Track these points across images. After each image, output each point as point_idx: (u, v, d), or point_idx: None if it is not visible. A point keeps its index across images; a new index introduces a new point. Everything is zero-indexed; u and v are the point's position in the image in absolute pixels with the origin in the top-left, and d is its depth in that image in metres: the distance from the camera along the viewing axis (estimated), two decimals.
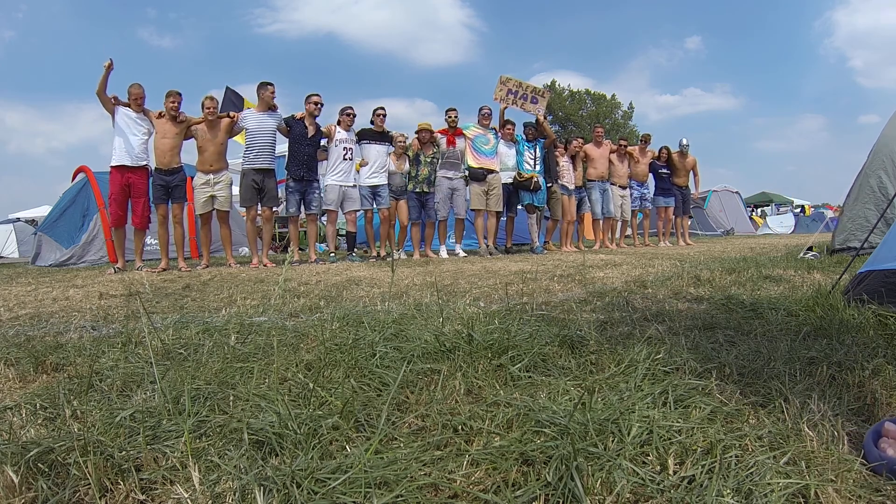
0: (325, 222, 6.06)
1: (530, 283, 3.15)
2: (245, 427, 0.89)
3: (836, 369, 1.19)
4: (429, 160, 6.07)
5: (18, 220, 15.39)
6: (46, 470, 0.81)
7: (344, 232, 7.07)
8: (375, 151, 5.83)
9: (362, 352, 1.37)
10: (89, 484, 0.77)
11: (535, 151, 6.68)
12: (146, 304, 2.63)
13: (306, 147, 5.41)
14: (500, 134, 6.53)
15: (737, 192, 16.74)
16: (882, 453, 0.78)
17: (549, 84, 33.07)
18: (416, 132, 6.08)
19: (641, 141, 8.17)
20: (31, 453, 0.82)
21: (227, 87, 9.71)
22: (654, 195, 8.14)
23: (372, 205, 5.89)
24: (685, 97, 54.96)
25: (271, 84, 5.29)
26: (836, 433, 0.88)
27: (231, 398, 1.09)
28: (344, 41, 62.04)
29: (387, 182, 5.90)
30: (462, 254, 6.36)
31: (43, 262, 6.56)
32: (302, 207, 5.65)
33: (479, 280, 3.36)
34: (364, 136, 5.83)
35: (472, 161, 6.28)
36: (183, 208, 5.21)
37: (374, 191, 5.84)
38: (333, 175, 5.63)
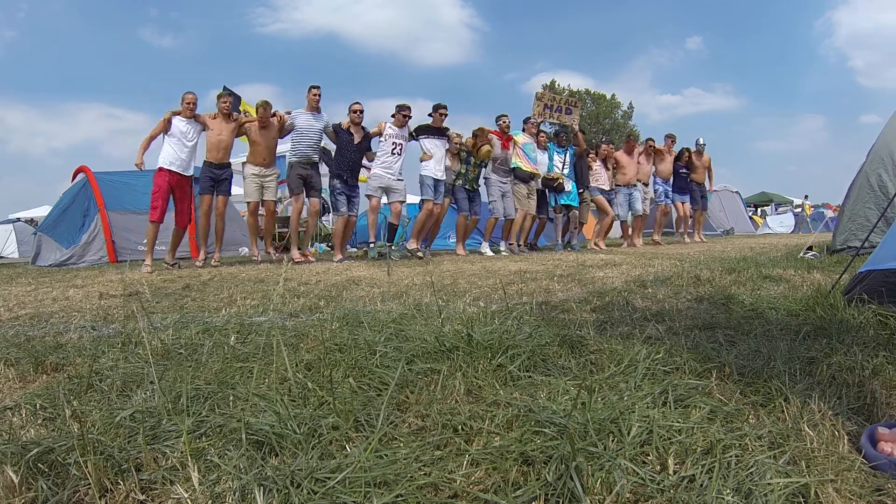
0: (326, 220, 6.16)
1: (530, 282, 3.15)
2: (244, 427, 0.89)
3: (836, 369, 1.19)
4: (478, 162, 6.34)
5: (18, 220, 15.40)
6: (46, 470, 0.81)
7: (384, 224, 7.17)
8: (436, 146, 6.02)
9: (362, 352, 1.37)
10: (89, 484, 0.77)
11: (564, 156, 7.17)
12: (146, 304, 2.63)
13: (352, 154, 5.67)
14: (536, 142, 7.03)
15: (737, 192, 16.73)
16: (888, 456, 0.78)
17: (548, 84, 33.10)
18: (473, 134, 6.33)
19: (668, 139, 8.51)
20: (31, 453, 0.82)
21: (225, 87, 9.74)
22: (672, 192, 8.58)
23: (433, 195, 5.99)
24: (686, 97, 54.91)
25: (317, 87, 5.56)
26: (836, 433, 0.88)
27: (231, 398, 1.09)
28: (345, 41, 62.01)
29: (446, 180, 6.13)
30: (503, 252, 6.60)
31: (43, 263, 6.56)
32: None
33: (479, 280, 3.36)
34: (423, 132, 6.01)
35: (523, 165, 6.70)
36: (227, 202, 5.54)
37: (436, 183, 6.02)
38: (381, 166, 5.81)
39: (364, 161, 5.99)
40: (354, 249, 7.61)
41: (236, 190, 12.67)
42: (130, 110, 64.68)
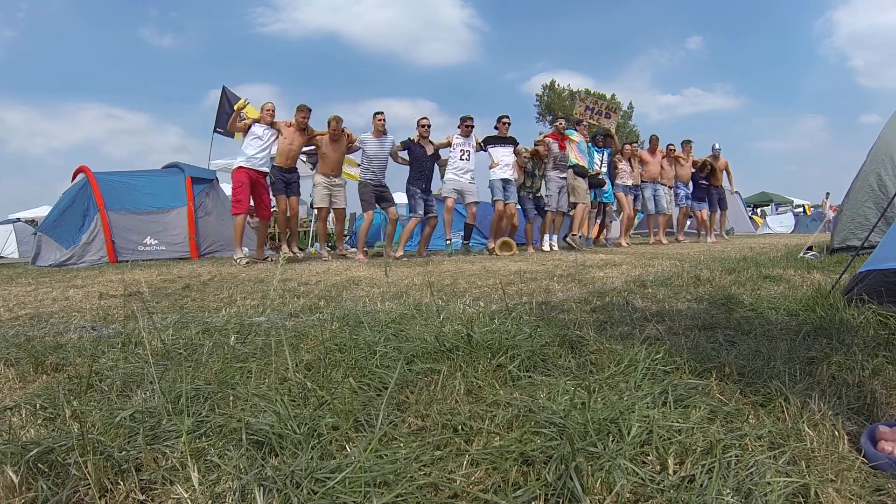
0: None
1: (530, 282, 3.15)
2: (244, 427, 0.89)
3: (836, 369, 1.19)
4: (541, 174, 7.01)
5: (18, 220, 15.39)
6: (46, 470, 0.81)
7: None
8: (503, 153, 6.59)
9: (362, 352, 1.37)
10: (89, 484, 0.77)
11: (602, 156, 7.88)
12: (146, 304, 2.63)
13: (426, 163, 6.27)
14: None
15: (737, 192, 16.73)
16: (888, 455, 0.78)
17: (547, 84, 33.11)
18: (535, 144, 6.95)
19: (686, 145, 9.14)
20: (31, 453, 0.82)
21: (224, 87, 9.76)
22: (692, 199, 9.26)
23: (503, 196, 6.52)
24: (686, 97, 54.78)
25: (381, 113, 6.08)
26: (836, 433, 0.88)
27: (231, 398, 1.09)
28: (345, 41, 61.76)
29: (513, 179, 6.60)
30: (555, 247, 7.16)
31: (43, 263, 6.55)
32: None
33: (479, 280, 3.36)
34: (490, 142, 6.62)
35: (580, 161, 7.37)
36: (298, 201, 6.15)
37: (505, 185, 6.53)
38: (452, 171, 6.42)
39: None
40: (354, 249, 7.66)
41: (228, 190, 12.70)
42: (130, 110, 64.59)
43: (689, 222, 9.83)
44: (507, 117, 6.74)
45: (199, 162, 5.49)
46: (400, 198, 7.37)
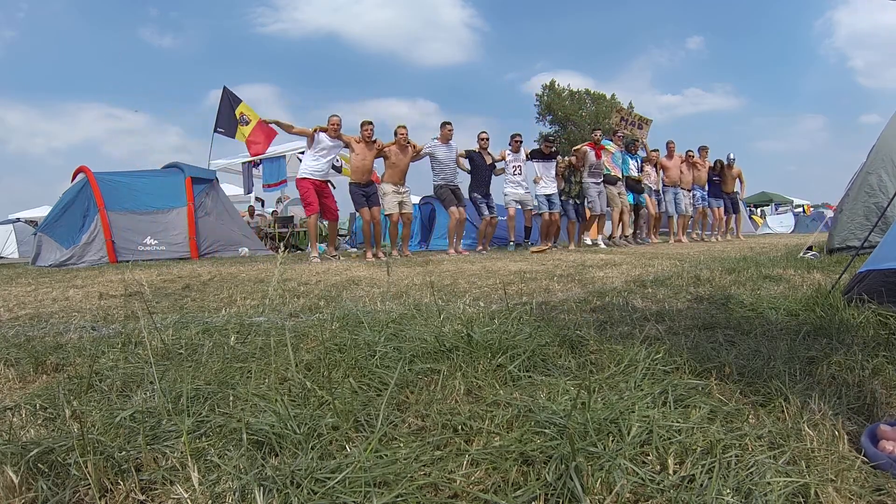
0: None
1: (530, 282, 3.15)
2: (244, 427, 0.89)
3: (836, 369, 1.19)
4: (578, 180, 7.87)
5: (18, 220, 15.38)
6: (46, 470, 0.81)
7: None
8: (545, 168, 7.53)
9: (362, 352, 1.37)
10: (89, 484, 0.77)
11: (637, 162, 8.69)
12: (146, 304, 2.63)
13: (485, 172, 7.06)
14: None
15: (737, 192, 16.71)
16: (889, 455, 0.78)
17: (547, 84, 33.13)
18: (573, 154, 7.89)
19: (702, 151, 9.84)
20: (31, 453, 0.82)
21: (225, 87, 9.76)
22: (707, 197, 9.95)
23: (547, 207, 7.56)
24: (686, 97, 54.80)
25: (449, 123, 6.68)
26: (836, 432, 0.88)
27: (231, 398, 1.09)
28: (345, 41, 61.76)
29: (557, 191, 7.59)
30: (602, 245, 7.93)
31: (43, 263, 6.55)
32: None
33: (479, 280, 3.36)
34: (535, 156, 7.49)
35: (613, 170, 8.18)
36: (380, 211, 6.42)
37: (549, 198, 7.56)
38: (510, 184, 7.32)
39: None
40: (354, 249, 7.72)
41: (233, 190, 12.67)
42: (130, 110, 64.59)
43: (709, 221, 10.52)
44: (552, 141, 7.83)
45: (199, 162, 5.52)
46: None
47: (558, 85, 32.75)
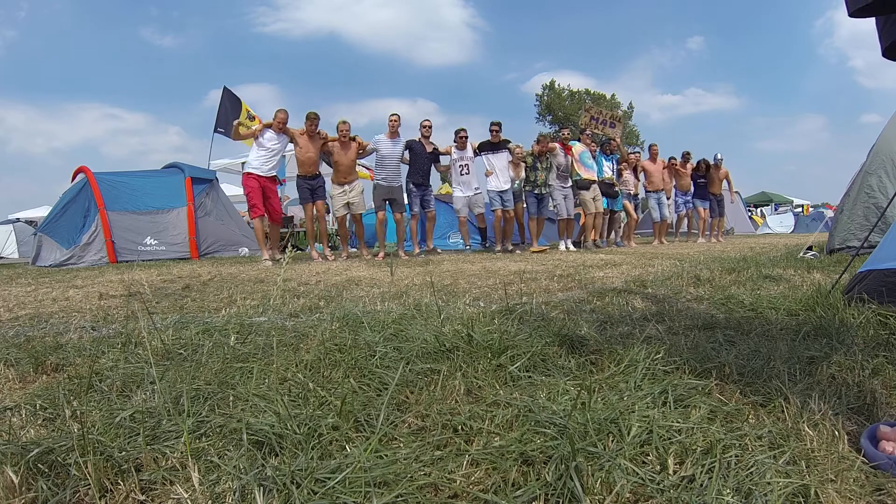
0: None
1: (530, 282, 3.15)
2: (245, 427, 0.89)
3: (836, 369, 1.19)
4: (545, 166, 7.09)
5: (18, 220, 15.39)
6: (46, 470, 0.81)
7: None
8: (496, 160, 6.88)
9: (362, 352, 1.37)
10: (89, 484, 0.77)
11: (612, 164, 8.20)
12: (146, 304, 2.63)
13: (423, 160, 6.55)
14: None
15: (737, 192, 16.74)
16: (889, 455, 0.78)
17: (547, 84, 33.15)
18: (537, 141, 7.13)
19: (683, 157, 9.56)
20: (31, 454, 0.82)
21: (225, 87, 9.76)
22: (693, 198, 9.74)
23: (500, 204, 6.93)
24: (687, 97, 54.78)
25: (396, 114, 6.32)
26: (836, 432, 0.88)
27: (231, 398, 1.09)
28: (346, 40, 61.66)
29: (510, 187, 6.94)
30: (571, 248, 7.49)
31: (43, 263, 6.56)
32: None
33: (479, 280, 3.36)
34: (483, 149, 6.89)
35: (583, 173, 7.58)
36: (325, 205, 6.32)
37: (501, 196, 6.91)
38: (458, 187, 6.84)
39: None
40: (355, 249, 7.69)
41: (233, 190, 12.68)
42: (130, 110, 64.57)
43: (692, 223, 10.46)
44: (498, 124, 6.98)
45: (199, 162, 5.55)
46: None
47: (558, 85, 32.80)
